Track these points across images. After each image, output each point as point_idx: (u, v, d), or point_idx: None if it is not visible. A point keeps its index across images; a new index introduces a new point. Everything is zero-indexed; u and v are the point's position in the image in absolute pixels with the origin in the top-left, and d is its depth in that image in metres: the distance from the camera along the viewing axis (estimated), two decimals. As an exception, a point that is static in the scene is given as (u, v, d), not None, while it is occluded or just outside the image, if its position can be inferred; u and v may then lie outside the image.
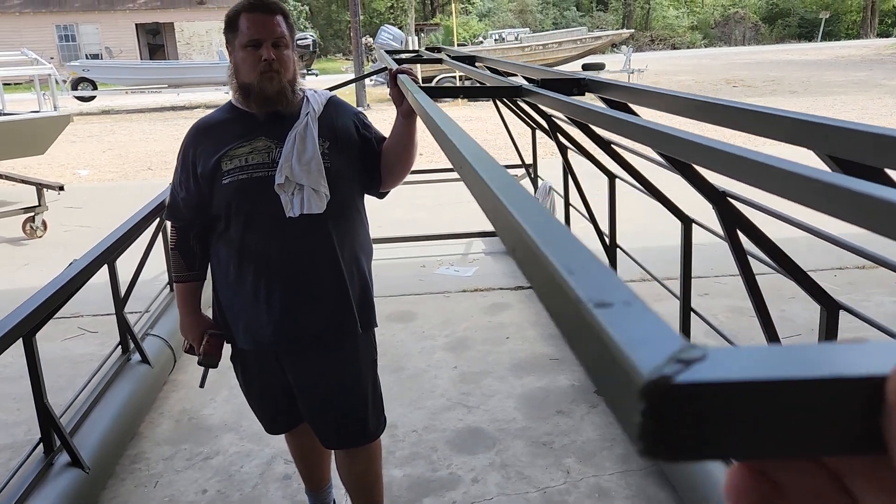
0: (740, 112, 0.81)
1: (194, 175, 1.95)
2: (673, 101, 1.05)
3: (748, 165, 0.55)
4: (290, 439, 2.33)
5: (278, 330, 1.94)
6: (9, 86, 20.68)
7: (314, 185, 1.88)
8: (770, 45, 42.08)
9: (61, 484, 2.35)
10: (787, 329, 3.76)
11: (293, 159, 1.86)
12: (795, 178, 0.48)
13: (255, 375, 2.12)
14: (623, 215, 3.32)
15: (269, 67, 1.85)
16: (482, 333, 3.99)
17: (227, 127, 1.95)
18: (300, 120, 1.92)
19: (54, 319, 4.25)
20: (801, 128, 0.72)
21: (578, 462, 2.74)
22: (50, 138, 7.16)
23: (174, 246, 2.06)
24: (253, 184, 1.88)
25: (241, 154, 1.89)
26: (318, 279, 1.94)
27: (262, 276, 1.92)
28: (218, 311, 2.07)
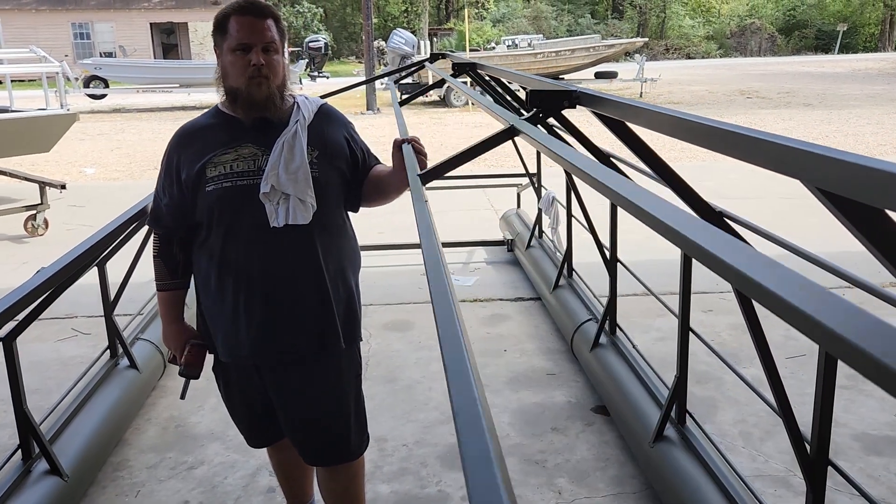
0: (728, 135, 0.74)
1: (178, 181, 1.88)
2: (664, 120, 0.99)
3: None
4: (271, 453, 2.27)
5: (257, 344, 1.88)
6: (23, 82, 20.83)
7: (300, 195, 1.81)
8: (786, 57, 41.84)
9: (38, 492, 2.29)
10: (792, 349, 3.67)
11: (280, 167, 1.80)
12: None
13: (235, 388, 2.06)
14: (624, 226, 3.24)
15: (258, 73, 1.79)
16: (480, 345, 3.92)
17: (213, 132, 1.88)
18: (289, 127, 1.85)
19: (47, 320, 4.22)
20: (788, 155, 0.65)
21: (571, 482, 2.66)
22: (56, 136, 7.15)
23: (157, 253, 2.00)
24: (237, 192, 1.81)
25: (225, 161, 1.82)
26: (301, 292, 1.87)
27: (242, 287, 1.85)
28: (201, 321, 2.01)
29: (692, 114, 0.90)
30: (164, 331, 2.05)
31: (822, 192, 0.63)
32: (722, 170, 8.94)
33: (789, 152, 0.63)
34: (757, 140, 0.70)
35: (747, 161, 0.69)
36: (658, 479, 2.47)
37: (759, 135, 0.71)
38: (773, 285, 0.47)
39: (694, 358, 3.03)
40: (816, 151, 0.61)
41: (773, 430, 2.91)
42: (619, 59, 26.35)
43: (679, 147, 10.78)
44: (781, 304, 0.44)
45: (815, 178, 0.62)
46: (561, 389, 3.38)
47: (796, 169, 0.63)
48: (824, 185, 0.61)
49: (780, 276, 0.49)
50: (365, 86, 17.48)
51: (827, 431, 1.41)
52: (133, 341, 3.36)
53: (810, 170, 0.62)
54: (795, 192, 6.52)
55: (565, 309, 3.88)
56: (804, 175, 0.63)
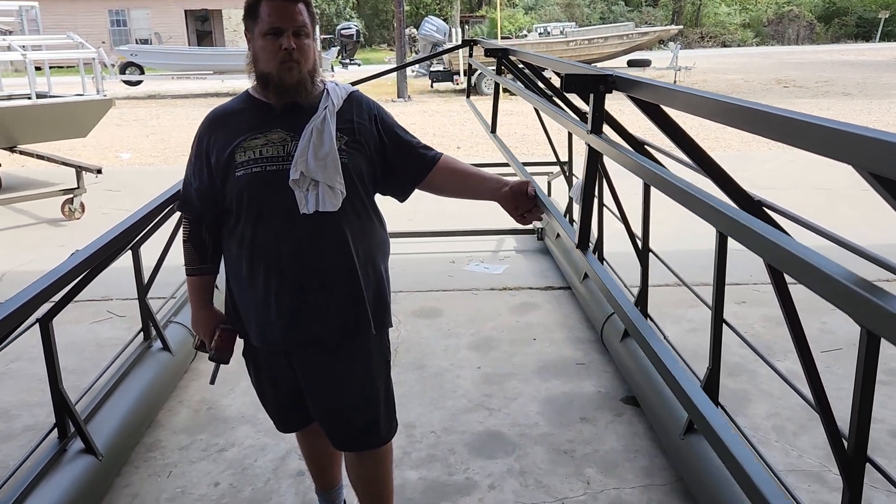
0: (772, 118, 0.71)
1: (208, 165, 1.88)
2: (702, 103, 0.96)
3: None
4: (301, 438, 2.28)
5: (288, 331, 1.88)
6: (60, 69, 21.20)
7: (329, 182, 1.80)
8: (825, 45, 40.83)
9: (74, 470, 2.34)
10: (827, 342, 3.60)
11: (309, 154, 1.79)
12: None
13: (265, 374, 2.06)
14: (657, 216, 3.19)
15: (290, 57, 1.78)
16: (509, 333, 3.90)
17: (243, 117, 1.87)
18: (318, 113, 1.84)
19: (84, 302, 4.30)
20: (839, 139, 0.62)
21: (600, 473, 2.64)
22: (92, 121, 7.26)
23: (186, 237, 1.99)
24: (266, 177, 1.80)
25: (255, 146, 1.82)
26: (331, 279, 1.85)
27: (272, 274, 1.85)
28: (231, 306, 2.01)
29: (732, 97, 0.87)
30: (193, 315, 2.05)
31: (876, 178, 0.60)
32: (756, 160, 8.78)
33: (840, 136, 0.61)
34: (805, 123, 0.67)
35: (795, 145, 0.66)
36: (689, 472, 2.44)
37: (806, 118, 0.68)
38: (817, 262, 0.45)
39: (727, 350, 2.98)
40: (870, 135, 0.58)
41: (807, 424, 2.86)
42: (652, 48, 25.96)
43: (713, 136, 10.60)
44: (824, 280, 0.41)
45: (869, 163, 0.59)
46: (590, 379, 3.36)
47: (848, 153, 0.61)
48: (878, 169, 0.58)
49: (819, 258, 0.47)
50: (396, 73, 17.48)
51: (866, 426, 1.37)
52: (166, 324, 3.41)
53: (863, 154, 0.59)
54: (833, 184, 6.37)
55: (595, 298, 3.84)
56: (856, 160, 0.61)
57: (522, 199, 2.04)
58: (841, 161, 0.62)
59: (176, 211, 3.17)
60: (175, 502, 2.52)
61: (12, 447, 2.87)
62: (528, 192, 2.04)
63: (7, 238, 6.12)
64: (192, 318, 2.06)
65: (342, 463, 2.32)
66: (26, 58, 6.67)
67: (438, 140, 11.42)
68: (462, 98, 17.86)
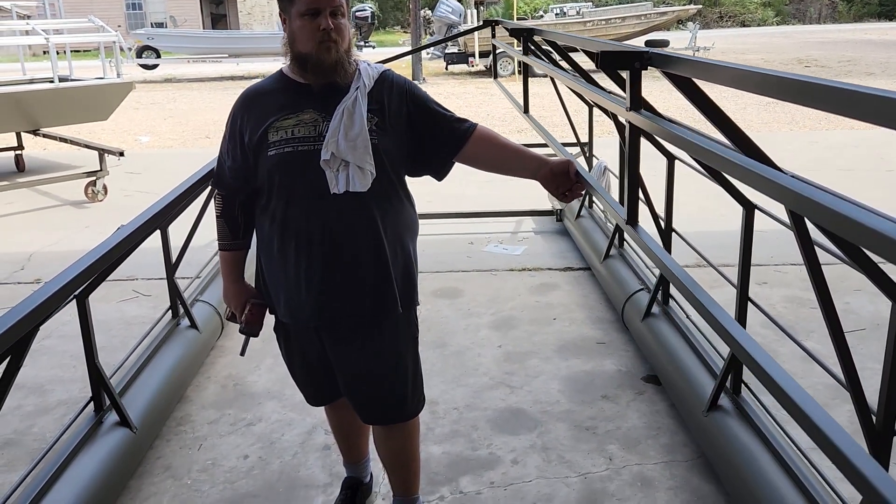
0: (812, 88, 0.73)
1: (241, 144, 1.92)
2: (741, 76, 0.97)
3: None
4: (329, 412, 2.33)
5: (317, 308, 1.91)
6: (77, 52, 21.30)
7: (360, 163, 1.82)
8: (848, 24, 40.12)
9: (109, 442, 2.40)
10: (851, 323, 3.59)
11: (340, 134, 1.81)
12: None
13: (295, 349, 2.10)
14: (681, 199, 3.19)
15: (328, 37, 1.79)
16: (529, 313, 3.93)
17: (276, 97, 1.90)
18: (349, 94, 1.86)
19: (110, 282, 4.38)
20: (888, 106, 0.64)
21: (622, 449, 2.68)
22: (113, 104, 7.32)
23: (219, 213, 2.04)
24: (297, 157, 1.83)
25: (287, 126, 1.84)
26: (360, 258, 1.89)
27: (303, 252, 1.88)
28: (262, 282, 2.05)
29: (768, 68, 0.88)
30: (225, 289, 2.10)
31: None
32: (778, 142, 8.70)
33: (891, 103, 0.62)
34: (848, 91, 0.69)
35: (839, 113, 0.68)
36: (711, 449, 2.46)
37: (849, 86, 0.69)
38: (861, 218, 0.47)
39: (749, 330, 2.99)
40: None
41: (831, 403, 2.87)
42: (670, 28, 25.64)
43: (734, 118, 10.51)
44: (864, 231, 0.43)
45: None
46: (611, 358, 3.38)
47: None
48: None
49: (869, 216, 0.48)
50: (411, 56, 17.42)
51: (895, 399, 1.39)
52: (193, 302, 3.47)
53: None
54: (856, 165, 6.31)
55: (616, 279, 3.86)
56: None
57: (564, 179, 2.03)
58: (893, 128, 0.64)
59: (202, 191, 3.22)
60: (206, 473, 2.59)
61: (47, 420, 2.95)
62: (570, 173, 2.03)
63: (33, 220, 6.22)
64: (223, 291, 2.11)
65: (370, 436, 2.37)
66: (49, 41, 6.73)
67: (455, 122, 11.40)
68: (477, 80, 17.79)
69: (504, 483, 2.51)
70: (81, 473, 2.22)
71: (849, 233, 0.71)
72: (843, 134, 8.79)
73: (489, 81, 17.26)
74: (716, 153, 0.74)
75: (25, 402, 3.09)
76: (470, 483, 2.51)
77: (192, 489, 2.51)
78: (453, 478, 2.54)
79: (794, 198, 0.82)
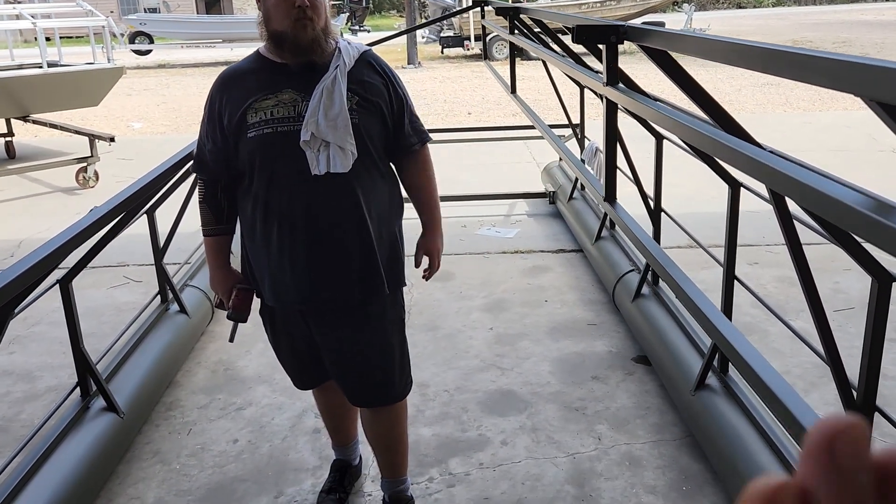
0: (778, 55, 0.72)
1: (220, 127, 1.89)
2: (710, 46, 0.96)
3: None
4: (318, 395, 2.32)
5: (302, 290, 1.91)
6: (70, 38, 21.14)
7: (340, 143, 1.80)
8: (844, 5, 39.91)
9: (96, 427, 2.40)
10: (840, 302, 3.60)
11: (319, 114, 1.79)
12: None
13: (282, 332, 2.10)
14: (672, 179, 3.18)
15: (303, 14, 1.77)
16: (520, 295, 3.93)
17: (254, 77, 1.87)
18: (329, 73, 1.83)
19: (101, 268, 4.36)
20: (844, 70, 0.63)
21: (611, 429, 2.68)
22: (103, 90, 7.27)
23: (202, 199, 2.02)
24: (278, 138, 1.81)
25: (266, 107, 1.82)
26: (344, 239, 1.88)
27: (286, 235, 1.87)
28: (247, 266, 2.04)
29: (739, 38, 0.87)
30: (211, 275, 2.08)
31: (882, 107, 0.61)
32: (770, 123, 8.68)
33: (845, 67, 0.61)
34: (810, 57, 0.68)
35: (801, 80, 0.67)
36: (699, 427, 2.47)
37: (812, 52, 0.68)
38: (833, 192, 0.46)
39: (738, 310, 2.99)
40: (875, 64, 0.59)
41: (818, 381, 2.88)
42: (666, 10, 25.49)
43: (727, 100, 10.47)
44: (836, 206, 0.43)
45: (875, 92, 0.60)
46: (602, 339, 3.39)
47: (854, 84, 0.61)
48: (885, 97, 0.58)
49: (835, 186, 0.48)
50: (406, 39, 17.31)
51: (875, 374, 1.39)
52: (182, 287, 3.46)
53: (868, 84, 0.60)
54: (848, 146, 6.31)
55: (607, 260, 3.85)
56: (862, 90, 0.61)
57: (419, 254, 2.18)
58: (848, 92, 0.63)
59: (189, 176, 3.20)
60: (195, 458, 2.59)
61: (36, 406, 2.95)
62: (431, 256, 2.21)
63: (23, 206, 6.19)
64: (210, 278, 2.09)
65: (358, 419, 2.37)
66: (36, 26, 6.67)
67: (449, 106, 11.35)
68: (472, 64, 17.69)
69: (493, 464, 2.51)
70: (67, 458, 2.22)
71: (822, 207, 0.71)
72: (835, 115, 8.77)
73: (484, 64, 17.18)
74: (689, 126, 0.73)
75: (14, 389, 3.09)
76: (459, 464, 2.52)
77: (180, 473, 2.51)
78: (443, 459, 2.55)
79: (768, 172, 0.81)
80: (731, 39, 0.87)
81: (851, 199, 0.56)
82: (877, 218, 0.48)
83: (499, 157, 7.08)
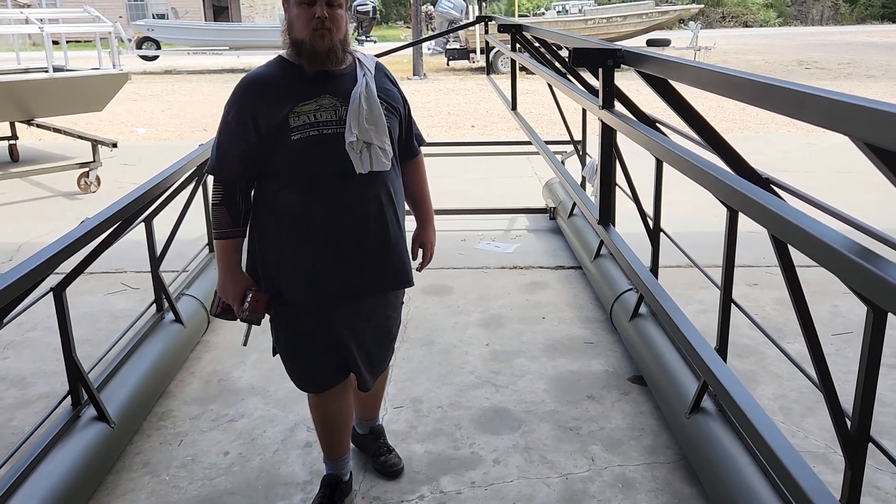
0: (773, 90, 0.71)
1: (255, 130, 1.94)
2: (708, 77, 0.95)
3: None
4: (320, 402, 2.27)
5: (350, 281, 2.04)
6: (78, 43, 21.26)
7: (381, 144, 1.97)
8: (850, 27, 40.07)
9: (86, 436, 2.38)
10: (839, 325, 3.58)
11: (361, 118, 1.94)
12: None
13: (306, 331, 2.12)
14: (674, 198, 3.17)
15: (322, 25, 1.90)
16: (518, 312, 3.91)
17: (288, 83, 1.96)
18: (360, 81, 1.98)
19: (99, 274, 4.36)
20: (836, 109, 0.62)
21: (604, 450, 2.66)
22: (108, 95, 7.29)
23: (219, 201, 2.02)
24: (323, 140, 1.93)
25: (308, 111, 1.93)
26: (383, 232, 2.05)
27: (330, 229, 1.98)
28: (261, 268, 2.07)
29: (736, 69, 0.86)
30: (223, 279, 2.08)
31: (871, 148, 0.60)
32: (773, 142, 8.69)
33: (837, 106, 0.60)
34: (803, 94, 0.67)
35: (794, 117, 0.66)
36: (693, 451, 2.45)
37: (805, 89, 0.68)
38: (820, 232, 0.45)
39: (736, 331, 2.98)
40: (867, 105, 0.58)
41: (814, 406, 2.86)
42: (672, 27, 25.60)
43: (730, 118, 10.50)
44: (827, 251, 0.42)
45: (864, 133, 0.59)
46: (598, 358, 3.37)
47: (845, 123, 0.61)
48: (874, 139, 0.58)
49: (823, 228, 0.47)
50: (412, 51, 17.38)
51: (869, 405, 1.37)
52: (178, 297, 3.44)
53: (859, 124, 0.59)
54: (850, 167, 6.27)
55: (606, 278, 3.84)
56: (852, 129, 0.60)
57: (415, 246, 2.35)
58: (839, 132, 0.62)
59: (188, 185, 3.20)
60: (185, 470, 2.57)
61: (27, 413, 2.93)
62: (425, 248, 2.37)
63: (24, 210, 6.19)
64: (220, 282, 2.08)
65: (351, 431, 2.43)
66: (43, 31, 6.70)
67: (453, 119, 11.37)
68: (478, 76, 17.76)
69: (485, 483, 2.49)
70: (56, 468, 2.20)
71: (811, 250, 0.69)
72: (839, 136, 8.74)
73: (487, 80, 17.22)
74: (684, 159, 0.72)
75: (6, 395, 3.08)
76: (450, 483, 2.50)
77: (170, 485, 2.49)
78: (434, 477, 2.53)
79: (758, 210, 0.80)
80: (728, 71, 0.86)
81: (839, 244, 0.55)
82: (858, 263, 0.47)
83: (500, 171, 7.09)
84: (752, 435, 1.34)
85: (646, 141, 0.82)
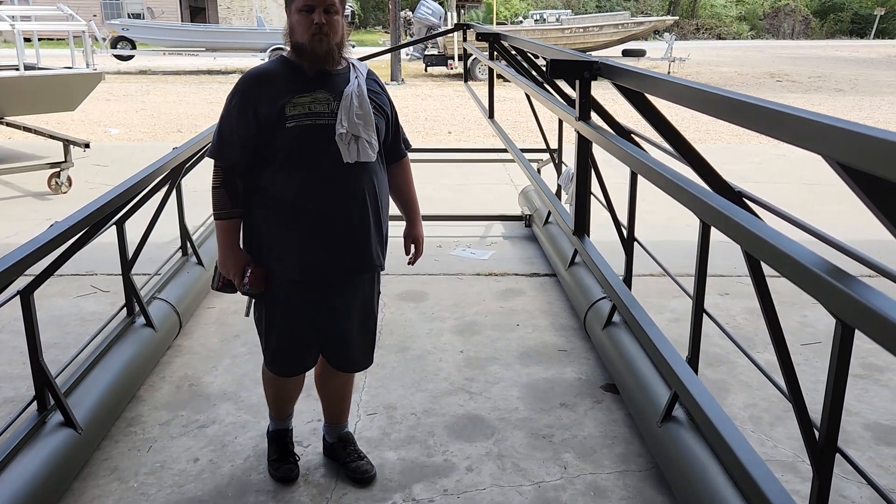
0: (747, 107, 0.72)
1: (256, 117, 2.12)
2: (683, 92, 0.97)
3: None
4: (277, 382, 2.49)
5: (336, 260, 2.21)
6: (51, 41, 20.93)
7: (368, 137, 2.16)
8: (819, 41, 40.89)
9: (52, 442, 2.33)
10: (807, 336, 3.64)
11: (352, 113, 2.12)
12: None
13: (297, 308, 2.29)
14: (649, 207, 3.20)
15: (320, 30, 2.09)
16: (492, 319, 3.92)
17: (288, 77, 2.15)
18: (352, 81, 2.18)
19: (68, 276, 4.28)
20: (808, 128, 0.63)
21: (577, 458, 2.67)
22: (81, 95, 7.19)
23: (220, 184, 2.19)
24: (317, 130, 2.11)
25: (303, 102, 2.11)
26: (367, 216, 2.21)
27: (320, 212, 2.15)
28: (256, 248, 2.24)
29: (712, 86, 0.88)
30: (223, 257, 2.25)
31: (843, 167, 0.61)
32: (745, 153, 8.82)
33: (809, 125, 0.61)
34: (777, 113, 0.68)
35: (766, 134, 0.67)
36: (664, 459, 2.47)
37: (779, 107, 0.69)
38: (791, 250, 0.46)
39: (707, 340, 3.01)
40: (838, 125, 0.59)
41: (783, 415, 2.90)
42: (647, 38, 25.93)
43: (704, 129, 10.63)
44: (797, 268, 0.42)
45: (836, 153, 0.60)
46: (572, 366, 3.38)
47: (816, 142, 0.62)
48: (845, 159, 0.59)
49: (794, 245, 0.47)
50: (390, 56, 17.37)
51: (837, 416, 1.39)
52: (150, 300, 3.40)
53: (831, 143, 0.60)
54: (820, 179, 6.38)
55: (580, 286, 3.86)
56: (824, 149, 0.61)
57: (407, 242, 2.56)
58: (811, 151, 0.63)
59: (162, 187, 3.16)
60: (154, 476, 2.53)
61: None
62: (416, 243, 2.58)
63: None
64: (221, 260, 2.25)
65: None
66: (14, 28, 6.58)
67: (430, 125, 11.39)
68: (455, 83, 17.80)
69: (457, 491, 2.49)
70: (21, 474, 2.15)
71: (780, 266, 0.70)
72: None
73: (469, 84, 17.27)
74: (657, 172, 0.73)
75: (-30, 399, 3.01)
76: (423, 490, 2.49)
77: (137, 492, 2.45)
78: (406, 484, 2.52)
79: (728, 223, 0.81)
80: (704, 87, 0.88)
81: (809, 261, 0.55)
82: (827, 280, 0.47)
83: (476, 178, 7.11)
84: (722, 447, 1.36)
85: (622, 154, 0.83)
